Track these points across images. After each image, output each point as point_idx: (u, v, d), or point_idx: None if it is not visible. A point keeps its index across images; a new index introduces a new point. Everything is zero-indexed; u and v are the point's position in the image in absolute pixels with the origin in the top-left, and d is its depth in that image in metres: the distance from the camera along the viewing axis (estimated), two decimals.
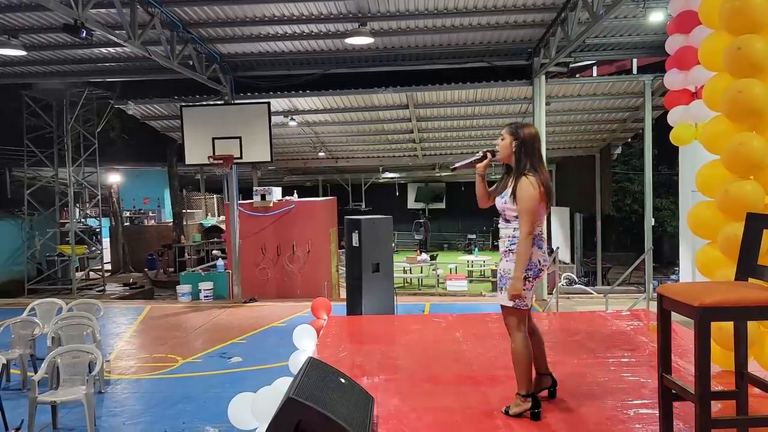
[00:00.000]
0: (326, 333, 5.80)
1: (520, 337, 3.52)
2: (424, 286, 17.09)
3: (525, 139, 3.50)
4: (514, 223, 3.50)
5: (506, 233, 3.58)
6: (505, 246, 3.57)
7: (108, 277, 17.29)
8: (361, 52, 10.82)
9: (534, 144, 3.52)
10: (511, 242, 3.52)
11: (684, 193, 8.81)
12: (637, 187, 23.21)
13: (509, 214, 3.53)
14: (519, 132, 3.53)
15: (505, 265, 3.55)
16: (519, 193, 3.43)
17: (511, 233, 3.53)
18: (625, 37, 10.36)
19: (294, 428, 2.88)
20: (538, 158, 3.53)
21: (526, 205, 3.40)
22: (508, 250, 3.55)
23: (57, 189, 15.24)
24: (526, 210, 3.40)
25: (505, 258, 3.56)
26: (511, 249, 3.51)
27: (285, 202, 12.44)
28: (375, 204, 23.72)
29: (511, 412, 3.54)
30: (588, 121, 15.16)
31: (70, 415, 5.48)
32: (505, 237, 3.59)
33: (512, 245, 3.50)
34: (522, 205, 3.41)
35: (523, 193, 3.41)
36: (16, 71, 11.70)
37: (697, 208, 4.56)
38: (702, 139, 4.55)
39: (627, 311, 6.57)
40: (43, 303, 7.72)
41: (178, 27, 9.23)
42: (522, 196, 3.41)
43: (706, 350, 2.71)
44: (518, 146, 3.49)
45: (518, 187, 3.44)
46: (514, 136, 3.53)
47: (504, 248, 3.59)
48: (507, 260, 3.53)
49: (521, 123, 3.67)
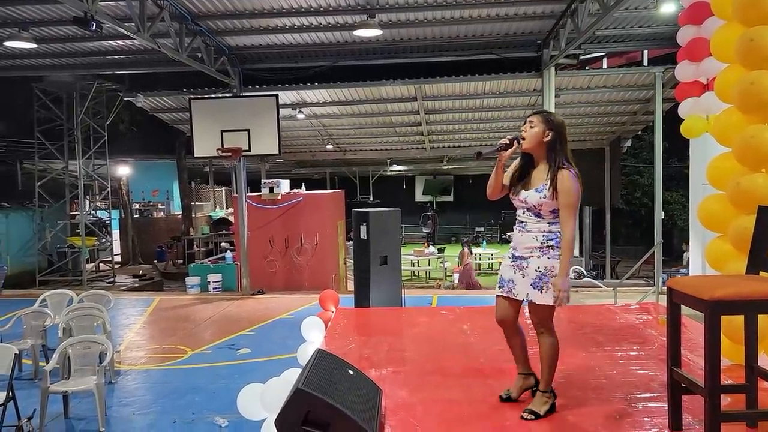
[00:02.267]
0: (334, 325, 5.82)
1: (554, 333, 3.38)
2: (432, 279, 17.09)
3: (559, 128, 3.27)
4: (548, 218, 3.28)
5: (538, 228, 3.31)
6: (539, 242, 3.30)
7: (118, 269, 17.43)
8: (369, 44, 10.79)
9: (565, 134, 3.31)
10: (547, 238, 3.27)
11: (694, 186, 8.78)
12: (646, 180, 23.09)
13: (545, 209, 3.27)
14: (553, 120, 3.29)
15: (546, 262, 3.27)
16: (562, 186, 3.19)
17: (545, 228, 3.28)
18: (636, 29, 10.26)
19: (303, 419, 2.89)
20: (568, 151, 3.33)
21: (571, 200, 3.19)
22: (545, 246, 3.28)
23: (67, 181, 15.36)
24: (573, 205, 3.20)
25: (542, 254, 3.28)
26: (550, 245, 3.26)
27: (293, 194, 12.45)
28: (382, 197, 23.72)
29: (542, 412, 3.36)
30: (598, 113, 15.06)
31: (82, 405, 5.54)
32: (538, 232, 3.31)
33: (550, 240, 3.26)
34: (568, 200, 3.19)
35: (569, 186, 3.18)
36: (27, 64, 11.75)
37: (708, 201, 4.53)
38: (713, 131, 4.52)
39: (636, 304, 6.55)
40: (54, 294, 7.79)
41: (186, 19, 9.23)
42: (568, 191, 3.18)
43: (716, 344, 2.70)
44: (554, 136, 3.26)
45: (560, 181, 3.20)
46: (549, 125, 3.27)
47: (537, 244, 3.30)
48: (548, 257, 3.26)
49: (550, 111, 3.53)
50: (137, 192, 22.62)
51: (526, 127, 3.32)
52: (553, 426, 3.32)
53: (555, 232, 3.27)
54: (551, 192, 3.22)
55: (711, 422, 2.70)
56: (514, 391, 3.61)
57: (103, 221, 17.31)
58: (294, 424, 2.89)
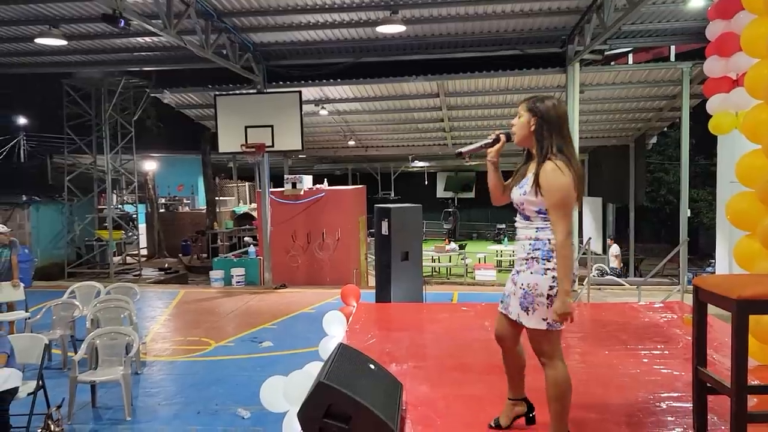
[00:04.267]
0: (355, 320, 5.85)
1: (561, 366, 2.79)
2: (453, 275, 17.06)
3: (546, 115, 2.75)
4: (536, 221, 2.77)
5: (526, 234, 2.81)
6: (525, 252, 2.79)
7: (144, 262, 17.71)
8: (392, 41, 10.78)
9: (559, 121, 2.76)
10: (533, 246, 2.76)
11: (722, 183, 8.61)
12: (672, 177, 22.73)
13: (529, 210, 2.79)
14: (539, 106, 2.78)
15: (528, 278, 2.75)
16: (544, 180, 2.67)
17: (532, 235, 2.77)
18: (663, 24, 10.09)
19: (324, 412, 2.92)
20: (566, 139, 2.77)
21: (557, 196, 2.64)
22: (530, 257, 2.76)
23: (95, 175, 15.64)
24: (560, 203, 2.65)
25: (527, 268, 2.77)
26: (534, 256, 2.74)
27: (315, 190, 12.53)
28: (404, 193, 23.74)
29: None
30: (623, 109, 14.86)
31: (109, 395, 5.66)
32: (525, 239, 2.82)
33: (535, 250, 2.74)
34: (553, 198, 2.65)
35: (553, 180, 2.65)
36: (57, 60, 11.99)
37: (737, 199, 4.46)
38: (743, 128, 4.44)
39: (661, 303, 6.46)
40: (83, 286, 7.97)
41: (212, 16, 9.33)
42: (549, 185, 2.65)
43: (744, 343, 2.66)
44: (538, 124, 2.75)
45: (543, 174, 2.68)
46: (533, 112, 2.78)
47: (523, 254, 2.80)
48: (531, 271, 2.75)
49: (541, 96, 2.87)
50: (163, 187, 22.94)
51: (515, 120, 2.90)
52: (575, 424, 3.30)
53: (542, 240, 2.74)
54: (534, 188, 2.72)
55: (737, 423, 2.66)
56: (503, 418, 3.16)
57: (130, 215, 17.60)
58: (316, 417, 2.92)
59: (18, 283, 7.71)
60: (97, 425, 5.22)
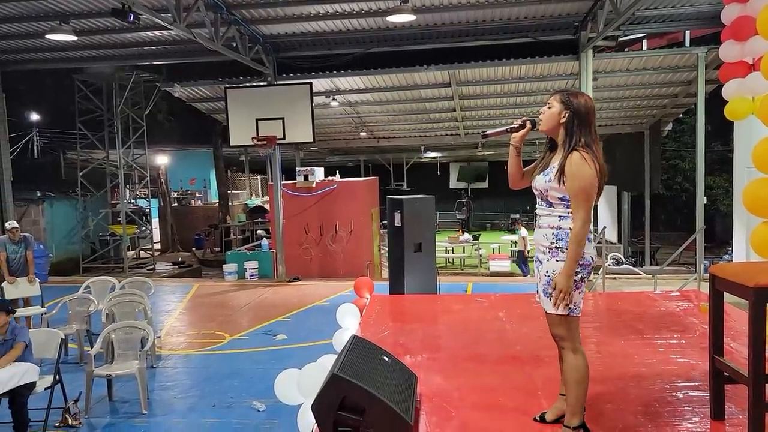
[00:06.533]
0: (369, 312, 5.84)
1: (579, 351, 2.88)
2: (467, 266, 17.03)
3: (579, 109, 2.85)
4: (558, 208, 2.86)
5: (548, 222, 2.89)
6: (549, 240, 2.87)
7: (157, 256, 17.86)
8: (402, 30, 10.72)
9: (588, 117, 2.86)
10: (556, 236, 2.84)
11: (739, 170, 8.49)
12: (688, 164, 22.45)
13: (553, 197, 2.87)
14: (572, 101, 2.87)
15: (553, 265, 2.85)
16: (570, 169, 2.77)
17: (555, 224, 2.85)
18: (677, 8, 9.92)
19: (339, 404, 2.92)
20: (594, 135, 2.87)
21: (579, 184, 2.75)
22: (553, 246, 2.85)
23: (108, 171, 15.75)
24: (581, 190, 2.75)
25: (551, 257, 2.86)
26: (558, 246, 2.83)
27: (327, 182, 12.53)
28: (417, 184, 23.66)
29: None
30: (637, 96, 14.68)
31: (125, 388, 5.72)
32: (547, 228, 2.89)
33: (558, 240, 2.83)
34: (575, 185, 2.76)
35: (577, 170, 2.76)
36: (68, 56, 12.06)
37: (754, 186, 4.39)
38: (759, 113, 4.36)
39: (677, 292, 6.40)
40: (98, 281, 8.03)
41: (221, 9, 9.32)
42: (575, 174, 2.75)
43: (761, 332, 2.62)
44: (570, 117, 2.85)
45: (569, 163, 2.78)
46: (566, 105, 2.87)
47: (547, 243, 2.88)
48: (557, 259, 2.83)
49: (574, 90, 3.03)
50: (175, 181, 23.08)
51: (544, 108, 2.98)
52: (591, 414, 3.27)
53: (564, 229, 2.83)
54: (558, 176, 2.81)
55: (755, 412, 2.63)
56: (549, 414, 3.19)
57: (143, 210, 17.73)
58: (330, 409, 2.92)
59: (34, 278, 7.80)
60: (114, 419, 5.28)
